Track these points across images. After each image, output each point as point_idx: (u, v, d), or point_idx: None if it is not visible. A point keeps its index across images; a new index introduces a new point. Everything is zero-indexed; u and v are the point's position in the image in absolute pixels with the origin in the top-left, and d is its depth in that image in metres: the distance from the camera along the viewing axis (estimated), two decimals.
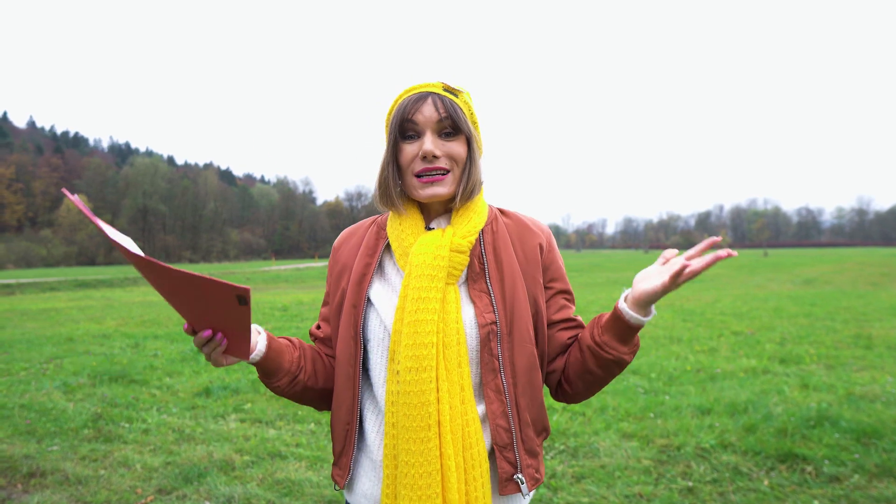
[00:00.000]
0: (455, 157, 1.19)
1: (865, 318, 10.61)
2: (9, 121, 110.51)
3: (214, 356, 1.11)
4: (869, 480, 3.46)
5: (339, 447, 1.27)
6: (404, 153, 1.20)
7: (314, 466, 3.91)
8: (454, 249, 1.17)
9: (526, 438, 1.20)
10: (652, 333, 9.19)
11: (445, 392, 1.11)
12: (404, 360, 1.11)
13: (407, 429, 1.10)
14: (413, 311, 1.13)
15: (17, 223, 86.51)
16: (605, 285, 23.35)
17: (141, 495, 3.50)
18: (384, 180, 1.22)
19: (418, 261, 1.16)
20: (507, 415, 1.17)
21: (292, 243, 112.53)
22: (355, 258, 1.29)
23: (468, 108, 1.22)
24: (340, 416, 1.25)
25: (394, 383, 1.13)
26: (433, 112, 1.17)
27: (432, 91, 1.19)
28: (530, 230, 1.29)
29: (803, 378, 5.94)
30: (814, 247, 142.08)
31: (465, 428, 1.12)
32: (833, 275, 27.01)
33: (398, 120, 1.19)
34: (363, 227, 1.36)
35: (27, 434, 4.57)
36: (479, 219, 1.23)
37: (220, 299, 1.00)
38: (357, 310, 1.23)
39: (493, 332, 1.17)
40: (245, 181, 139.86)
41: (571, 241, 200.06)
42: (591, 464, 3.82)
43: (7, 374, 6.85)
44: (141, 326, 11.23)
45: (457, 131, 1.19)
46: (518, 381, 1.19)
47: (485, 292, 1.20)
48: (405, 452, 1.09)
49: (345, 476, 1.25)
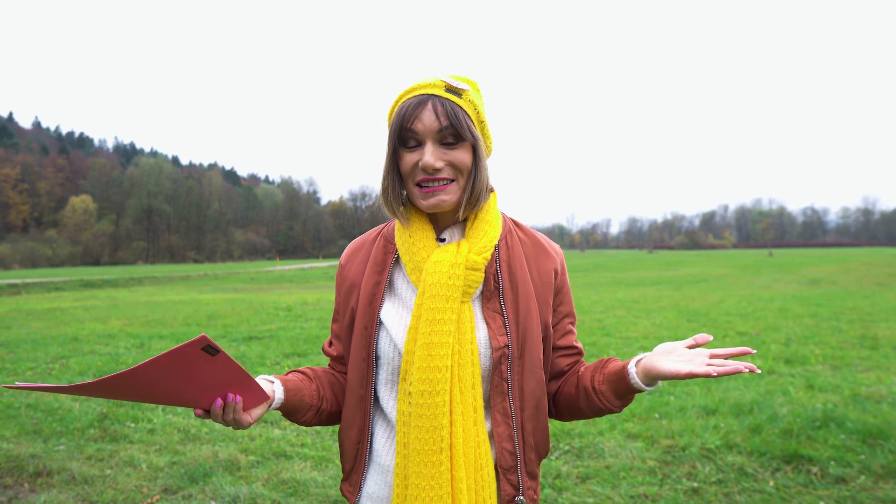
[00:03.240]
0: (458, 166, 1.13)
1: (871, 318, 10.56)
2: (14, 121, 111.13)
3: (237, 418, 1.06)
4: (875, 482, 3.44)
5: (349, 465, 1.25)
6: (405, 161, 1.14)
7: (319, 466, 3.92)
8: (470, 267, 1.13)
9: (528, 461, 1.18)
10: (657, 334, 9.16)
11: (459, 415, 1.09)
12: (417, 383, 1.08)
13: (418, 451, 1.07)
14: (427, 333, 1.09)
15: (23, 223, 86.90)
16: (609, 285, 23.30)
17: (146, 495, 3.51)
18: (385, 189, 1.18)
19: (433, 280, 1.11)
20: (513, 438, 1.16)
21: (296, 243, 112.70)
22: (363, 275, 1.24)
23: (473, 109, 1.13)
24: (352, 435, 1.23)
25: (405, 404, 1.11)
26: (433, 120, 1.09)
27: (433, 93, 1.11)
28: (547, 252, 1.25)
29: (809, 379, 5.92)
30: (819, 247, 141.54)
31: (477, 450, 1.11)
32: (838, 275, 26.89)
33: (397, 128, 1.12)
34: (368, 240, 1.30)
35: (33, 434, 4.59)
36: (494, 231, 1.18)
37: (193, 364, 0.94)
38: (369, 331, 1.19)
39: (505, 356, 1.14)
40: (249, 181, 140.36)
41: (575, 241, 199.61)
42: (595, 464, 3.82)
43: (13, 373, 6.88)
44: (146, 326, 11.27)
45: (460, 139, 1.11)
46: (525, 405, 1.17)
47: (498, 313, 1.16)
48: (416, 475, 1.07)
49: (355, 493, 1.23)
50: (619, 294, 17.99)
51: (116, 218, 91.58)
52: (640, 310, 12.97)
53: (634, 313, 12.34)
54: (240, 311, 13.78)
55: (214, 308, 14.90)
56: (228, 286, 27.22)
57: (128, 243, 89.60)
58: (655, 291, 18.97)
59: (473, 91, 1.16)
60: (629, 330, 9.80)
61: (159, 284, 29.10)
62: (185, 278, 32.90)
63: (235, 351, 8.26)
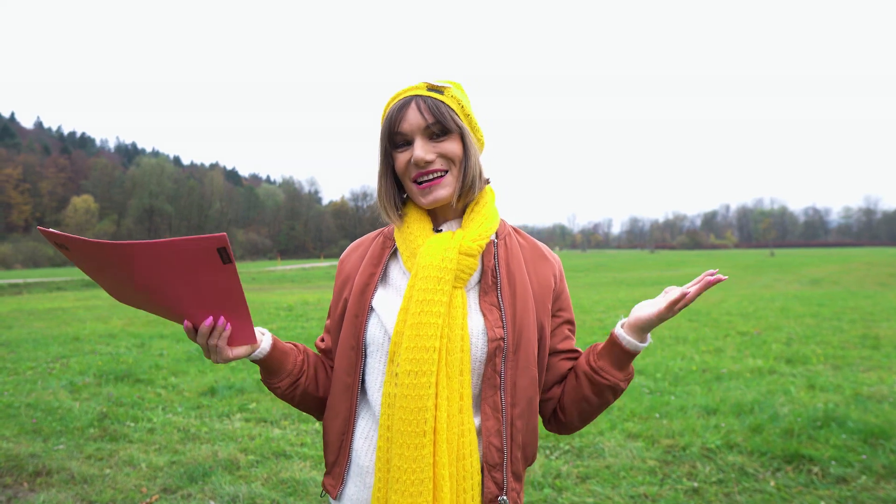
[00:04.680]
0: (450, 156, 1.16)
1: (873, 318, 10.55)
2: (16, 121, 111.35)
3: (221, 345, 1.07)
4: (876, 482, 3.43)
5: (332, 457, 1.25)
6: (399, 162, 1.18)
7: (318, 466, 3.91)
8: (463, 252, 1.15)
9: (514, 460, 1.17)
10: (658, 334, 9.16)
11: (444, 399, 1.09)
12: (404, 363, 1.09)
13: (402, 433, 1.07)
14: (417, 314, 1.10)
15: (25, 223, 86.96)
16: (611, 285, 23.29)
17: (146, 494, 3.51)
18: (380, 193, 1.22)
19: (425, 262, 1.14)
20: (502, 434, 1.15)
21: (298, 243, 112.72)
22: (359, 268, 1.28)
23: (457, 103, 1.17)
24: (336, 426, 1.23)
25: (391, 385, 1.11)
26: (418, 118, 1.14)
27: (415, 94, 1.16)
28: (545, 257, 1.28)
29: (810, 378, 5.90)
30: (821, 247, 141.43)
31: (461, 438, 1.10)
32: (840, 275, 26.86)
33: (386, 132, 1.17)
34: (369, 238, 1.35)
35: (33, 433, 4.59)
36: (490, 222, 1.20)
37: (200, 263, 0.91)
38: (359, 319, 1.21)
39: (500, 349, 1.15)
40: (251, 181, 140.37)
41: (577, 241, 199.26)
42: (596, 464, 3.81)
43: (14, 373, 6.88)
44: (147, 326, 11.29)
45: (447, 131, 1.16)
46: (517, 401, 1.17)
47: (495, 306, 1.17)
48: (398, 457, 1.07)
49: (337, 486, 1.22)
50: (620, 294, 17.99)
51: (118, 218, 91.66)
52: None
53: None
54: None
55: None
56: None
57: None
58: (657, 291, 18.92)
59: (456, 88, 1.20)
60: None
61: None
62: None
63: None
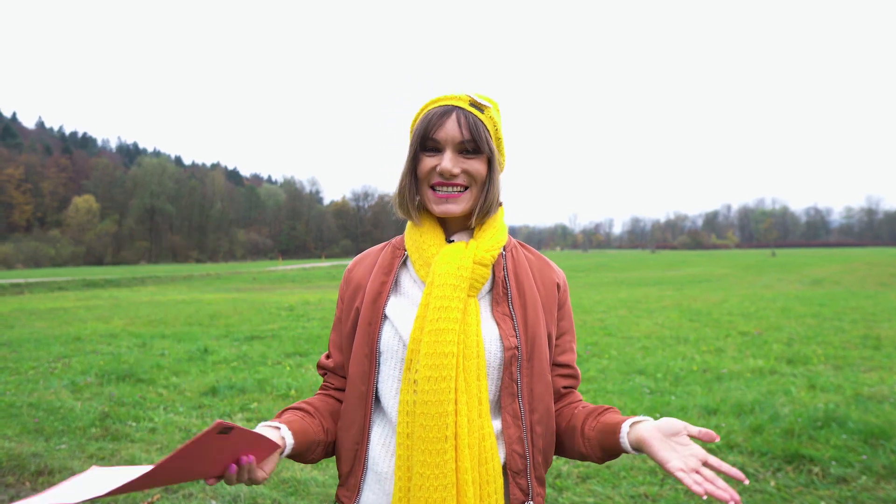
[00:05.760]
0: (474, 175, 1.18)
1: (874, 318, 10.54)
2: (18, 121, 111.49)
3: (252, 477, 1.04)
4: (876, 482, 3.44)
5: (346, 467, 1.23)
6: (423, 165, 1.19)
7: (319, 465, 3.92)
8: (477, 262, 1.17)
9: (536, 465, 1.19)
10: (658, 333, 9.16)
11: (464, 404, 1.09)
12: (423, 370, 1.09)
13: (423, 440, 1.07)
14: (434, 320, 1.11)
15: (26, 223, 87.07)
16: (612, 285, 23.29)
17: (147, 494, 3.52)
18: (402, 189, 1.22)
19: (441, 270, 1.15)
20: (523, 441, 1.16)
21: (299, 243, 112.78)
22: (369, 277, 1.27)
23: (493, 125, 1.20)
24: (350, 435, 1.22)
25: (410, 393, 1.11)
26: (456, 131, 1.15)
27: (458, 105, 1.17)
28: (550, 267, 1.31)
29: (811, 378, 5.91)
30: (822, 247, 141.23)
31: (482, 442, 1.11)
32: (842, 275, 26.84)
33: (420, 134, 1.17)
34: (376, 249, 1.35)
35: (35, 432, 4.61)
36: (501, 235, 1.23)
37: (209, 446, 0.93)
38: (372, 327, 1.21)
39: (515, 357, 1.16)
40: (252, 181, 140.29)
41: (578, 241, 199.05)
42: (596, 464, 3.81)
43: (15, 372, 6.90)
44: (148, 326, 11.30)
45: (478, 151, 1.17)
46: (535, 407, 1.18)
47: (508, 315, 1.19)
48: (420, 464, 1.06)
49: (353, 497, 1.21)
50: (621, 294, 17.99)
51: (119, 218, 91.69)
52: (643, 310, 12.97)
53: (636, 313, 12.34)
54: (242, 311, 13.81)
55: (217, 308, 14.93)
56: (231, 286, 27.27)
57: (130, 243, 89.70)
58: (658, 291, 18.96)
59: (494, 110, 1.23)
60: (631, 329, 9.79)
61: (162, 284, 29.16)
62: (188, 278, 32.95)
63: (237, 350, 8.27)
